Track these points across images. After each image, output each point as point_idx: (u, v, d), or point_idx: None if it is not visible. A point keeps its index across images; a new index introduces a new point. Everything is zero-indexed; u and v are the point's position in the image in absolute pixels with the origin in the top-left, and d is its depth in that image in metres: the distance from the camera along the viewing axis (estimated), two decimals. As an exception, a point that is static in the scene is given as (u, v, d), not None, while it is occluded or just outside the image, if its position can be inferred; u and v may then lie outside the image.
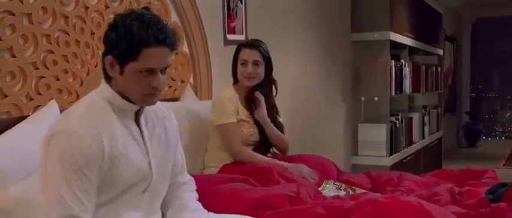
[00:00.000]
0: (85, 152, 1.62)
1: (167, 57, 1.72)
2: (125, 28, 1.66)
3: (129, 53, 1.66)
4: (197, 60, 3.22)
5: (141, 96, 1.73)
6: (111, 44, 1.69)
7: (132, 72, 1.69)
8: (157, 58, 1.68)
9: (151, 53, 1.66)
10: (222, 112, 2.66)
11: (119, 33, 1.67)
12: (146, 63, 1.67)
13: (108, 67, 1.73)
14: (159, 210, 1.90)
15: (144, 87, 1.71)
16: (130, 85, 1.71)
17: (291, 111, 4.40)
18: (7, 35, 2.17)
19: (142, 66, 1.67)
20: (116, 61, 1.69)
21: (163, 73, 1.75)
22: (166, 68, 1.75)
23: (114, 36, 1.68)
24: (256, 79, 2.72)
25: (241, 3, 3.70)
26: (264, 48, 2.77)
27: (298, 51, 4.50)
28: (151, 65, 1.68)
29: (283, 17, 4.23)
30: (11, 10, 2.19)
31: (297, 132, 4.51)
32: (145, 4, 2.86)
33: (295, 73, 4.47)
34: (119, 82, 1.73)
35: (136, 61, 1.67)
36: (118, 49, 1.67)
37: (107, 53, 1.72)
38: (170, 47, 1.72)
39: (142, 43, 1.65)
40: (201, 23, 3.23)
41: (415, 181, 2.58)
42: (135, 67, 1.68)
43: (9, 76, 2.20)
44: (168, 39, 1.69)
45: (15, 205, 1.92)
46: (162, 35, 1.68)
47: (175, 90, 3.08)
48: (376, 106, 5.29)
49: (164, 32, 1.69)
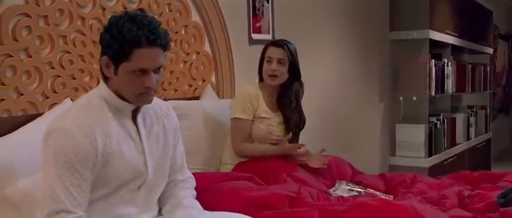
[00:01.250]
0: (78, 149, 1.69)
1: (159, 58, 1.76)
2: (117, 29, 1.71)
3: (122, 54, 1.71)
4: (219, 60, 3.26)
5: (135, 95, 1.78)
6: (106, 45, 1.75)
7: (125, 72, 1.74)
8: (149, 58, 1.73)
9: (143, 53, 1.71)
10: (236, 106, 2.69)
11: (112, 34, 1.72)
12: (138, 63, 1.72)
13: (104, 68, 1.79)
14: (156, 206, 1.95)
15: (137, 86, 1.75)
16: (124, 85, 1.77)
17: (323, 110, 4.39)
18: (23, 36, 2.28)
19: (134, 66, 1.72)
20: (111, 62, 1.75)
21: (157, 73, 1.79)
22: (159, 68, 1.79)
23: (108, 37, 1.74)
24: (280, 78, 2.72)
25: (268, 2, 3.71)
26: (291, 48, 2.77)
27: (331, 50, 4.47)
28: (144, 65, 1.72)
29: (314, 16, 4.21)
30: (27, 12, 2.29)
31: (330, 131, 4.49)
32: (165, 5, 2.93)
33: (328, 73, 4.45)
34: (115, 82, 1.78)
35: (128, 62, 1.72)
36: (111, 50, 1.73)
37: (103, 53, 1.78)
38: (162, 48, 1.76)
39: (134, 43, 1.70)
40: (223, 23, 3.27)
41: (429, 183, 2.52)
42: (128, 67, 1.72)
43: (25, 75, 2.30)
44: (159, 39, 1.73)
45: (24, 198, 2.02)
46: (153, 36, 1.71)
47: (195, 89, 3.13)
48: (415, 106, 5.18)
49: (155, 32, 1.72)
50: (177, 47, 3.01)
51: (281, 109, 2.75)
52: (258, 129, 2.69)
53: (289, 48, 2.73)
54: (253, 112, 2.69)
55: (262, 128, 2.69)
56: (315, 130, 4.28)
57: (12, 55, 2.25)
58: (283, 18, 3.83)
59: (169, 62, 2.97)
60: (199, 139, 2.72)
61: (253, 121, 2.70)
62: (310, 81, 4.19)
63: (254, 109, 2.69)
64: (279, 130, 2.74)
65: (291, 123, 2.74)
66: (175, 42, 3.00)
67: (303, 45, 4.06)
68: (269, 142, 2.71)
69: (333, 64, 4.52)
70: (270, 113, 2.73)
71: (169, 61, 2.97)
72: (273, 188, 2.16)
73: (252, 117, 2.70)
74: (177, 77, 3.02)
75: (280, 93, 2.75)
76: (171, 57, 2.98)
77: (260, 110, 2.71)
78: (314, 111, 4.29)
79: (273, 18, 3.75)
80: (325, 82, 4.43)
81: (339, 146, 4.52)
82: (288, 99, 2.72)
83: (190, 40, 3.09)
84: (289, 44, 2.75)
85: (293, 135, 2.78)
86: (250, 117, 2.69)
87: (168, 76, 2.97)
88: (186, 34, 3.06)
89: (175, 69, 3.00)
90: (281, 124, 2.75)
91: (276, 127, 2.72)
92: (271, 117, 2.73)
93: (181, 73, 3.04)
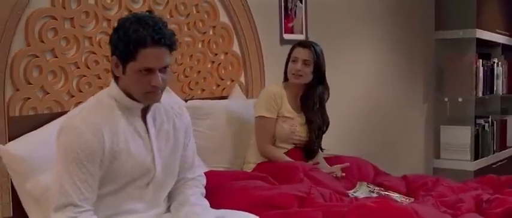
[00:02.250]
0: (85, 146, 1.76)
1: (164, 57, 1.80)
2: (124, 30, 1.78)
3: (128, 54, 1.77)
4: (248, 60, 3.28)
5: (143, 94, 1.83)
6: (114, 45, 1.82)
7: (132, 71, 1.79)
8: (155, 58, 1.78)
9: (148, 53, 1.76)
10: (260, 105, 2.71)
11: (119, 35, 1.78)
12: (144, 62, 1.77)
13: (113, 68, 1.85)
14: (163, 203, 2.00)
15: (144, 85, 1.81)
16: (132, 84, 1.83)
17: (364, 110, 4.34)
18: (49, 37, 2.38)
19: (140, 66, 1.77)
20: (119, 62, 1.81)
21: (163, 73, 1.83)
22: (165, 67, 1.83)
23: (116, 38, 1.80)
24: (304, 78, 2.73)
25: (301, 3, 3.71)
26: (317, 50, 2.77)
27: (371, 50, 4.41)
28: (149, 65, 1.78)
29: (351, 15, 4.17)
30: (53, 15, 2.40)
31: (371, 131, 4.44)
32: (193, 6, 2.99)
33: (368, 72, 4.40)
34: (124, 82, 1.85)
35: (135, 61, 1.77)
36: (119, 50, 1.79)
37: (112, 54, 1.84)
38: (167, 47, 1.80)
39: (139, 44, 1.75)
40: (253, 23, 3.30)
41: (450, 186, 2.47)
42: (135, 67, 1.78)
43: (51, 75, 2.41)
44: (164, 39, 1.78)
45: (44, 192, 2.12)
46: (158, 36, 1.76)
47: (223, 88, 3.17)
48: (461, 107, 5.04)
49: (160, 32, 1.77)
50: (205, 47, 3.06)
51: (304, 111, 2.75)
52: (282, 128, 2.70)
53: (316, 49, 2.74)
54: (277, 111, 2.71)
55: (285, 127, 2.70)
56: (355, 130, 4.25)
57: (38, 56, 2.36)
58: (317, 18, 3.82)
59: (197, 62, 3.03)
60: (222, 139, 2.76)
61: (277, 121, 2.72)
62: (348, 80, 4.17)
63: (278, 108, 2.71)
64: (301, 130, 2.74)
65: (313, 124, 2.74)
66: (202, 42, 3.05)
67: (339, 44, 4.05)
68: (292, 142, 2.73)
69: (373, 64, 4.45)
70: (293, 113, 2.74)
71: (196, 61, 3.02)
72: (283, 188, 2.17)
73: (276, 115, 2.71)
74: (205, 77, 3.07)
75: (304, 94, 2.76)
76: (198, 58, 3.04)
77: (284, 109, 2.73)
78: (354, 111, 4.27)
79: (307, 18, 3.75)
80: (365, 81, 4.38)
81: (380, 147, 4.46)
82: (311, 101, 2.72)
83: (218, 40, 3.13)
84: (316, 46, 2.76)
85: (316, 137, 2.78)
86: (274, 116, 2.71)
87: (195, 76, 3.03)
88: (214, 35, 3.10)
89: (202, 69, 3.05)
90: (304, 125, 2.75)
91: (298, 127, 2.73)
92: (295, 117, 2.74)
93: (208, 73, 3.09)
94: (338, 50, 4.04)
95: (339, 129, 4.06)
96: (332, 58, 4.01)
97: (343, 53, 4.11)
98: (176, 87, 2.91)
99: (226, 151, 2.77)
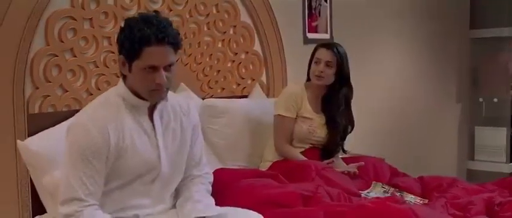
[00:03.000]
0: (91, 142, 1.82)
1: (168, 55, 1.84)
2: (129, 29, 1.83)
3: (133, 52, 1.81)
4: (270, 59, 3.30)
5: (148, 91, 1.87)
6: (120, 44, 1.87)
7: (137, 69, 1.84)
8: (158, 56, 1.82)
9: (152, 51, 1.80)
10: (280, 104, 2.73)
11: (125, 34, 1.84)
12: (148, 60, 1.81)
13: (120, 66, 1.90)
14: (170, 199, 2.04)
15: (149, 83, 1.85)
16: (137, 82, 1.87)
17: (390, 111, 4.29)
18: (68, 37, 2.47)
19: (145, 64, 1.82)
20: (125, 60, 1.86)
21: (168, 71, 1.86)
22: (170, 66, 1.87)
23: (122, 37, 1.85)
24: (326, 80, 2.73)
25: (326, 2, 3.70)
26: (341, 52, 2.75)
27: (398, 50, 4.36)
28: (153, 62, 1.82)
29: (379, 14, 4.13)
30: (72, 16, 2.48)
31: (401, 131, 4.38)
32: (213, 6, 3.03)
33: (398, 71, 4.34)
34: (130, 80, 1.89)
35: (139, 60, 1.82)
36: (125, 48, 1.84)
37: (119, 52, 1.89)
38: (171, 46, 1.84)
39: (144, 42, 1.80)
40: (275, 23, 3.31)
41: (466, 188, 2.42)
42: (140, 64, 1.82)
43: (70, 74, 2.49)
44: (167, 38, 1.81)
45: (57, 187, 2.18)
46: (162, 34, 1.80)
47: (244, 87, 3.20)
48: (496, 107, 4.92)
49: (164, 31, 1.81)
50: (225, 46, 3.10)
51: (325, 111, 2.75)
52: (300, 128, 2.71)
53: (339, 51, 2.73)
54: (296, 111, 2.72)
55: (304, 128, 2.71)
56: (383, 130, 4.21)
57: (58, 55, 2.44)
58: (342, 17, 3.80)
59: (217, 61, 3.07)
60: (238, 137, 2.79)
61: (296, 121, 2.73)
62: (375, 80, 4.13)
63: (298, 109, 2.72)
64: (320, 131, 2.74)
65: (338, 125, 2.73)
66: (222, 42, 3.08)
67: (365, 44, 4.02)
68: (309, 142, 2.73)
69: (402, 63, 4.40)
70: (313, 114, 2.74)
71: (216, 60, 3.06)
72: (289, 187, 2.18)
73: (296, 115, 2.72)
74: (224, 76, 3.11)
75: (326, 95, 2.75)
76: (218, 57, 3.07)
77: (304, 110, 2.73)
78: (381, 111, 4.22)
79: (331, 17, 3.74)
80: (394, 81, 4.33)
81: (409, 147, 4.41)
82: (335, 102, 2.72)
83: (239, 40, 3.16)
84: (339, 47, 2.75)
85: (341, 138, 2.77)
86: (293, 116, 2.71)
87: (215, 75, 3.07)
88: (234, 34, 3.13)
89: (222, 68, 3.09)
90: (324, 125, 2.75)
91: (317, 128, 2.73)
92: (314, 117, 2.74)
93: (228, 73, 3.12)
94: (364, 49, 4.01)
95: (365, 129, 4.02)
96: (358, 57, 3.98)
97: (369, 52, 4.08)
98: (195, 85, 2.95)
99: (242, 149, 2.79)
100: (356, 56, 3.97)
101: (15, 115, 2.31)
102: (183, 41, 2.83)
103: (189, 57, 2.94)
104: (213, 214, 1.95)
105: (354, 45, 3.93)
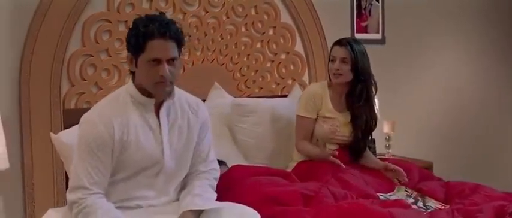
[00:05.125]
0: (97, 136, 1.96)
1: (170, 49, 1.94)
2: (135, 27, 1.96)
3: (138, 46, 1.94)
4: (312, 59, 3.31)
5: (152, 84, 1.98)
6: (127, 42, 1.99)
7: (142, 63, 1.96)
8: (161, 49, 1.93)
9: (155, 45, 1.92)
10: (300, 104, 2.74)
11: (132, 31, 1.97)
12: (152, 53, 1.93)
13: (128, 63, 2.03)
14: (173, 193, 2.13)
15: (153, 76, 1.95)
16: (143, 76, 1.98)
17: (445, 113, 4.11)
18: (103, 39, 2.65)
19: (149, 57, 1.93)
20: (132, 56, 1.99)
21: (172, 65, 1.96)
22: (173, 60, 1.96)
23: (129, 34, 1.98)
24: (343, 77, 2.70)
25: (378, 1, 3.64)
26: (354, 48, 2.71)
27: (458, 51, 4.17)
28: (156, 55, 1.93)
29: (436, 15, 3.98)
30: (108, 18, 2.66)
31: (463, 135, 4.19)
32: (251, 7, 3.10)
33: (454, 75, 4.15)
34: (138, 76, 2.02)
35: (144, 53, 1.94)
36: (131, 45, 1.97)
37: (127, 50, 2.02)
38: (174, 41, 1.95)
39: (147, 36, 1.92)
40: (318, 23, 3.32)
41: (489, 195, 2.30)
42: (144, 58, 1.94)
43: (105, 73, 2.68)
44: (169, 32, 1.93)
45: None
46: (164, 29, 1.92)
47: (284, 87, 3.24)
48: None
49: (166, 27, 1.93)
50: (264, 47, 3.15)
51: (349, 109, 2.72)
52: (321, 128, 2.70)
53: (352, 47, 2.68)
54: (316, 111, 2.72)
55: (325, 127, 2.69)
56: (436, 132, 4.06)
57: (93, 55, 2.63)
58: (395, 16, 3.72)
59: (255, 61, 3.13)
60: (265, 136, 2.82)
61: (317, 121, 2.73)
62: (433, 82, 4.00)
63: (317, 109, 2.71)
64: (344, 130, 2.71)
65: (359, 121, 2.70)
66: (261, 42, 3.15)
67: (421, 45, 3.90)
68: (335, 142, 2.72)
69: (463, 65, 4.20)
70: (335, 113, 2.72)
71: (254, 60, 3.13)
72: (293, 186, 2.20)
73: (316, 116, 2.72)
74: (263, 76, 3.17)
75: (348, 92, 2.72)
76: (256, 57, 3.14)
77: (324, 110, 2.72)
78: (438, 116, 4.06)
79: (384, 17, 3.67)
80: (454, 84, 4.14)
81: (473, 154, 4.21)
82: (355, 98, 2.69)
83: (279, 40, 3.21)
84: (353, 43, 2.70)
85: (362, 134, 2.72)
86: (313, 116, 2.71)
87: (253, 75, 3.14)
88: (274, 34, 3.18)
89: (260, 68, 3.15)
90: (347, 124, 2.72)
91: (340, 127, 2.70)
92: (337, 116, 2.71)
93: (267, 72, 3.18)
94: (419, 51, 3.90)
95: (422, 133, 3.92)
96: (412, 59, 3.90)
97: (425, 53, 3.95)
98: (231, 84, 3.04)
99: (269, 148, 2.83)
100: (410, 58, 3.88)
101: (51, 110, 2.53)
102: (220, 42, 2.97)
103: (225, 57, 3.03)
104: (208, 208, 2.03)
105: (409, 46, 3.85)
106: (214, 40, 2.99)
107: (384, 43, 3.71)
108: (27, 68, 2.48)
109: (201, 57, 2.96)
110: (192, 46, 2.91)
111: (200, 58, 2.96)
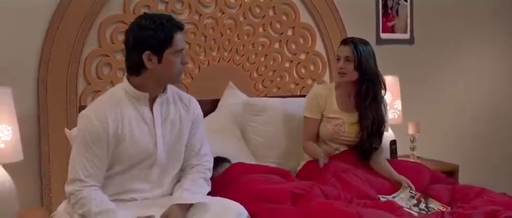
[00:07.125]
0: (92, 130, 2.07)
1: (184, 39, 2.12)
2: (155, 25, 2.05)
3: (166, 40, 2.04)
4: (333, 60, 3.30)
5: (178, 73, 2.11)
6: (146, 41, 2.05)
7: (170, 55, 2.06)
8: (182, 40, 2.09)
9: (178, 36, 2.06)
10: (305, 105, 2.76)
11: (153, 29, 2.04)
12: (178, 45, 2.06)
13: (146, 62, 2.08)
14: (168, 185, 2.21)
15: (179, 65, 2.09)
16: (169, 69, 2.07)
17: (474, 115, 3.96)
18: (119, 39, 2.77)
19: (176, 48, 2.06)
20: (154, 54, 2.05)
21: None
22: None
23: (149, 33, 2.05)
24: (348, 76, 2.68)
25: (406, 1, 3.58)
26: (358, 46, 2.67)
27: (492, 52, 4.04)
28: (181, 46, 2.08)
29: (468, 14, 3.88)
30: (123, 20, 2.78)
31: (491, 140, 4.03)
32: (269, 8, 3.13)
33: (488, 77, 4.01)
34: (156, 72, 2.07)
35: (171, 46, 2.05)
36: (155, 42, 2.04)
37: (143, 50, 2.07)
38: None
39: (173, 30, 2.05)
40: (340, 23, 3.31)
41: (492, 199, 2.22)
42: (171, 51, 2.05)
43: (120, 72, 2.80)
44: (183, 25, 2.10)
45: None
46: (180, 23, 2.08)
47: (303, 87, 3.25)
48: None
49: (177, 20, 2.09)
50: (282, 47, 3.18)
51: (357, 109, 2.70)
52: (325, 129, 2.70)
53: (356, 45, 2.66)
54: (320, 112, 2.72)
55: (329, 128, 2.69)
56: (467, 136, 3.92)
57: (109, 55, 2.76)
58: (424, 16, 3.65)
59: (272, 61, 3.16)
60: (275, 135, 2.84)
61: (322, 121, 2.73)
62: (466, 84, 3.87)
63: (322, 109, 2.72)
64: (350, 130, 2.69)
65: (365, 121, 2.67)
66: (279, 43, 3.17)
67: (451, 46, 3.81)
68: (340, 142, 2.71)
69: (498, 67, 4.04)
70: (340, 113, 2.70)
71: (272, 60, 3.16)
72: (283, 184, 2.22)
73: (320, 116, 2.72)
74: (281, 76, 3.19)
75: (357, 92, 2.71)
76: (274, 57, 3.17)
77: (328, 110, 2.71)
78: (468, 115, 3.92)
79: (412, 16, 3.60)
80: (489, 86, 3.99)
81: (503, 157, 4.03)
82: (361, 97, 2.67)
83: (298, 41, 3.22)
84: (357, 42, 2.67)
85: (368, 135, 2.68)
86: (317, 117, 2.72)
87: (271, 74, 3.17)
88: (293, 35, 3.20)
89: (278, 68, 3.18)
90: (354, 124, 2.69)
91: (345, 127, 2.68)
92: (342, 117, 2.70)
93: (285, 72, 3.20)
94: (449, 51, 3.80)
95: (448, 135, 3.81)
96: (441, 59, 3.79)
97: (455, 54, 3.83)
98: (248, 84, 3.09)
99: (278, 147, 2.85)
100: (440, 59, 3.78)
101: (68, 108, 2.68)
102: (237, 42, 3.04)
103: (241, 57, 3.08)
104: (195, 202, 2.09)
105: (438, 47, 3.76)
106: (230, 40, 3.05)
107: (412, 43, 3.63)
108: (45, 67, 2.64)
109: (217, 57, 3.03)
110: (208, 46, 2.98)
111: (216, 58, 3.03)
